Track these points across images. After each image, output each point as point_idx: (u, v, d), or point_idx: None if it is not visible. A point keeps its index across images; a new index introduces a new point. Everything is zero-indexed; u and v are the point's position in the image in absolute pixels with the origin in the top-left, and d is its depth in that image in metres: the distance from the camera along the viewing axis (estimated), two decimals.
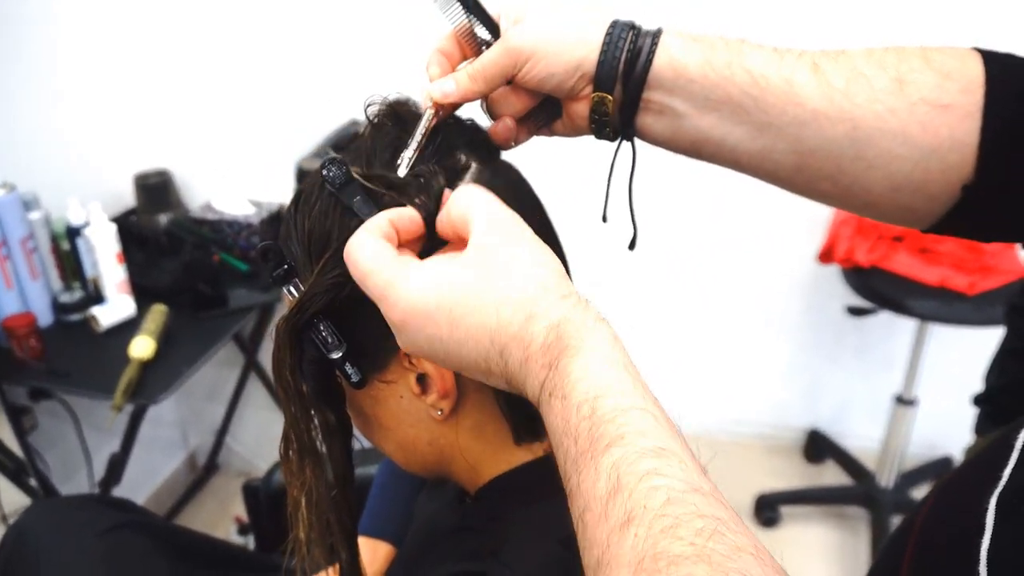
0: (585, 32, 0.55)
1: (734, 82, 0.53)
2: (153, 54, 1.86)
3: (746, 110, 0.54)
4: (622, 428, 0.39)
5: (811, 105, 0.53)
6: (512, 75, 0.56)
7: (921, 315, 1.69)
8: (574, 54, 0.55)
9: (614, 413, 0.40)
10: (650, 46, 0.54)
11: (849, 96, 0.52)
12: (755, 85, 0.53)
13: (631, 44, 0.54)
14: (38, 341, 1.48)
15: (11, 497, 1.63)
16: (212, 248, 1.79)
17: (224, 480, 2.29)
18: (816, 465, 2.28)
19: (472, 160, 0.57)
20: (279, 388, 0.57)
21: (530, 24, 0.55)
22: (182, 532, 1.05)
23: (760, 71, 0.53)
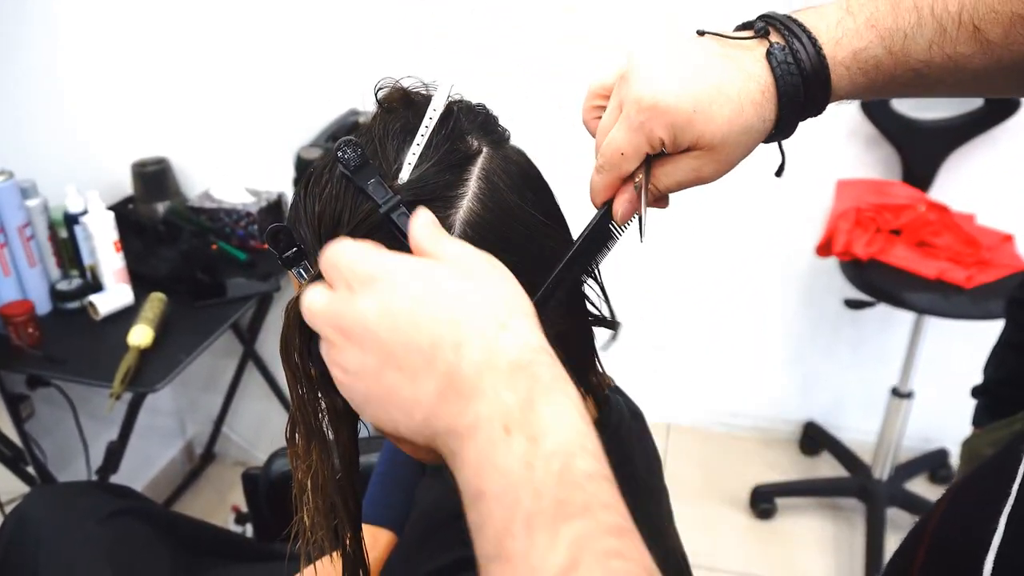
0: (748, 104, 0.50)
1: (901, 82, 0.52)
2: (152, 42, 1.85)
3: (909, 91, 0.53)
4: (590, 498, 0.35)
5: (973, 67, 0.50)
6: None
7: (919, 308, 1.70)
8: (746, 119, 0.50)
9: (585, 479, 0.35)
10: (823, 94, 0.51)
11: (1009, 47, 0.49)
12: (920, 76, 0.51)
13: (800, 100, 0.51)
14: (36, 329, 1.47)
15: (8, 485, 1.63)
16: (210, 237, 1.78)
17: (221, 469, 2.29)
18: (812, 457, 2.29)
19: (483, 144, 0.57)
20: (287, 371, 0.57)
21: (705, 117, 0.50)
22: (183, 519, 1.05)
23: (924, 61, 0.50)
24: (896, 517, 2.00)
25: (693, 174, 0.52)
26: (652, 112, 0.49)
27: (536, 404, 0.37)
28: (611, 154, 0.52)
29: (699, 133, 0.49)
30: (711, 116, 0.49)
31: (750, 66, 0.50)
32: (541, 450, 0.35)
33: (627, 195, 0.54)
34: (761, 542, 2.02)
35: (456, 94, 0.59)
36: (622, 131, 0.51)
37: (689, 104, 0.49)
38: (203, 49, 1.85)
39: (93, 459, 1.68)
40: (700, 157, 0.51)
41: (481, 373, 0.38)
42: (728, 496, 2.15)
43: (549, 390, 0.38)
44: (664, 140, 0.50)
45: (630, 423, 0.71)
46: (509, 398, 0.37)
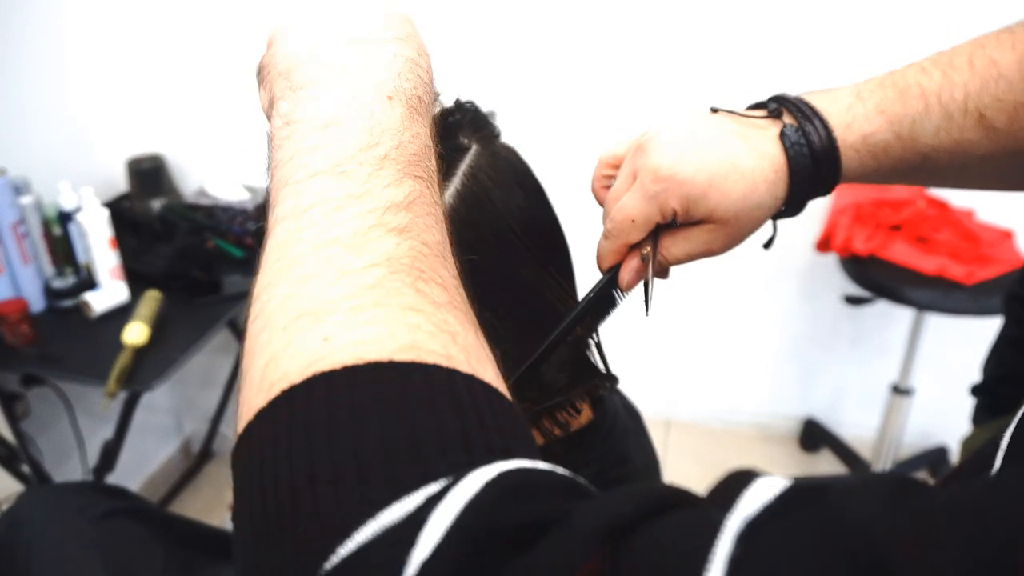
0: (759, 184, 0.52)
1: (909, 166, 0.53)
2: (146, 38, 1.84)
3: (916, 176, 0.55)
4: (432, 176, 0.39)
5: (980, 153, 0.52)
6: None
7: (918, 304, 1.69)
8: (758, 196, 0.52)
9: (433, 169, 0.40)
10: (831, 177, 0.52)
11: (1014, 134, 0.51)
12: (928, 160, 0.52)
13: (810, 181, 0.52)
14: (30, 327, 1.46)
15: (3, 483, 1.62)
16: (206, 234, 1.77)
17: (218, 467, 2.28)
18: (811, 454, 2.29)
19: (473, 142, 0.56)
20: None
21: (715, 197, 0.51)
22: (177, 519, 1.04)
23: (932, 146, 0.52)
24: None
25: (704, 246, 0.53)
26: (668, 183, 0.50)
27: (424, 103, 0.40)
28: (621, 220, 0.53)
29: (713, 207, 0.50)
30: (725, 191, 0.50)
31: (764, 145, 0.52)
32: (414, 127, 0.38)
33: (634, 263, 0.54)
34: None
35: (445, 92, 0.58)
36: (635, 199, 0.52)
37: (705, 178, 0.50)
38: (197, 45, 1.84)
39: (89, 457, 1.67)
40: (712, 231, 0.52)
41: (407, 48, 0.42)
42: None
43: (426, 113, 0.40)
44: (677, 211, 0.51)
45: (626, 422, 0.71)
46: (409, 82, 0.40)
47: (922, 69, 0.53)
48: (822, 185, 0.53)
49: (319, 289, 0.30)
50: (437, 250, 0.34)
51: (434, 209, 0.36)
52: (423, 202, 0.35)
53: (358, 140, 0.35)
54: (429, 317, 0.30)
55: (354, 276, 0.30)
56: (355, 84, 0.38)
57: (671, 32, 1.82)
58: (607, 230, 0.54)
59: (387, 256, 0.31)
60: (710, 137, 0.51)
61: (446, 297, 0.32)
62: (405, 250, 0.32)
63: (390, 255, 0.32)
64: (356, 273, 0.30)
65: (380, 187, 0.34)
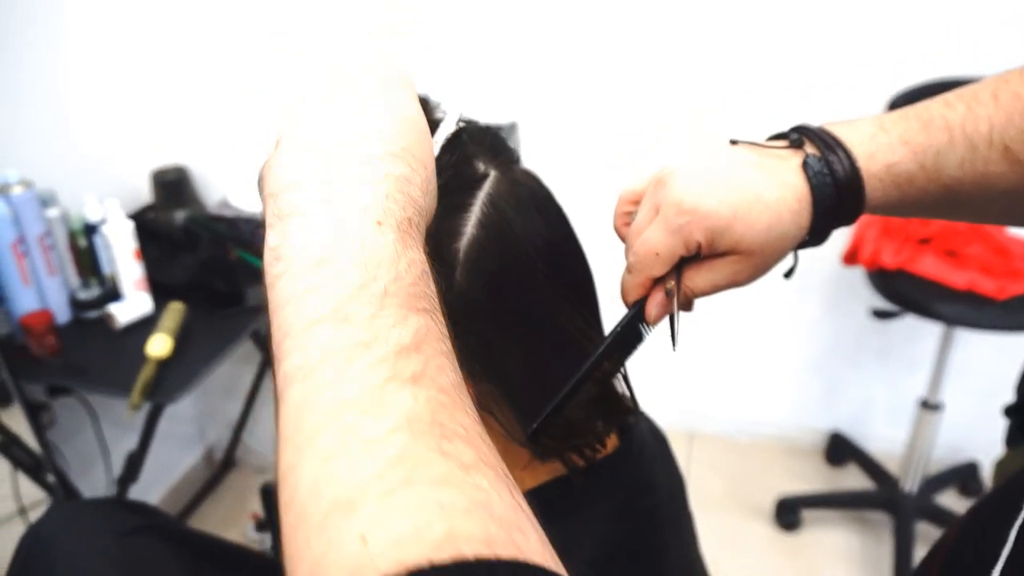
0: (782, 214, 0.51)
1: (932, 198, 0.52)
2: (170, 50, 1.86)
3: (940, 209, 0.54)
4: (434, 307, 0.37)
5: (1004, 186, 0.51)
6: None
7: (948, 319, 1.66)
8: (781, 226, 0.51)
9: (432, 295, 0.38)
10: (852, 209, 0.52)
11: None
12: (951, 192, 0.52)
13: (834, 211, 0.51)
14: (55, 338, 1.47)
15: (29, 490, 1.64)
16: (229, 245, 1.78)
17: (241, 476, 2.29)
18: (838, 468, 2.25)
19: (491, 168, 0.56)
20: None
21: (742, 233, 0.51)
22: (199, 536, 1.04)
23: (956, 178, 0.51)
24: (925, 531, 1.96)
25: (729, 278, 0.52)
26: (692, 216, 0.50)
27: (414, 223, 0.38)
28: (645, 254, 0.52)
29: (738, 238, 0.50)
30: (750, 223, 0.49)
31: (786, 176, 0.51)
32: (409, 252, 0.36)
33: (659, 297, 0.54)
34: (785, 554, 1.99)
35: (464, 116, 0.57)
36: (659, 232, 0.51)
37: (728, 210, 0.49)
38: (221, 57, 1.85)
39: (114, 466, 1.68)
40: (738, 262, 0.51)
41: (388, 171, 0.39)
42: (752, 507, 2.11)
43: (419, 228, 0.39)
44: (701, 243, 0.50)
45: (653, 450, 0.69)
46: (398, 203, 0.38)
47: (946, 103, 0.52)
48: (845, 215, 0.52)
49: (346, 470, 0.29)
50: (454, 393, 0.33)
51: (443, 344, 0.35)
52: (432, 338, 0.34)
53: (353, 277, 0.34)
54: (461, 488, 0.29)
55: (377, 448, 0.29)
56: (341, 211, 0.36)
57: (700, 44, 1.81)
58: (630, 264, 0.54)
59: (407, 416, 0.30)
60: (732, 169, 0.51)
61: (472, 455, 0.31)
62: (423, 404, 0.31)
63: (410, 415, 0.30)
64: (379, 443, 0.29)
65: (386, 328, 0.33)
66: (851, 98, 1.77)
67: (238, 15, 1.81)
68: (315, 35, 1.82)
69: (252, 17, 1.82)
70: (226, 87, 1.88)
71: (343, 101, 0.42)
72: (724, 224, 0.49)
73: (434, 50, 1.85)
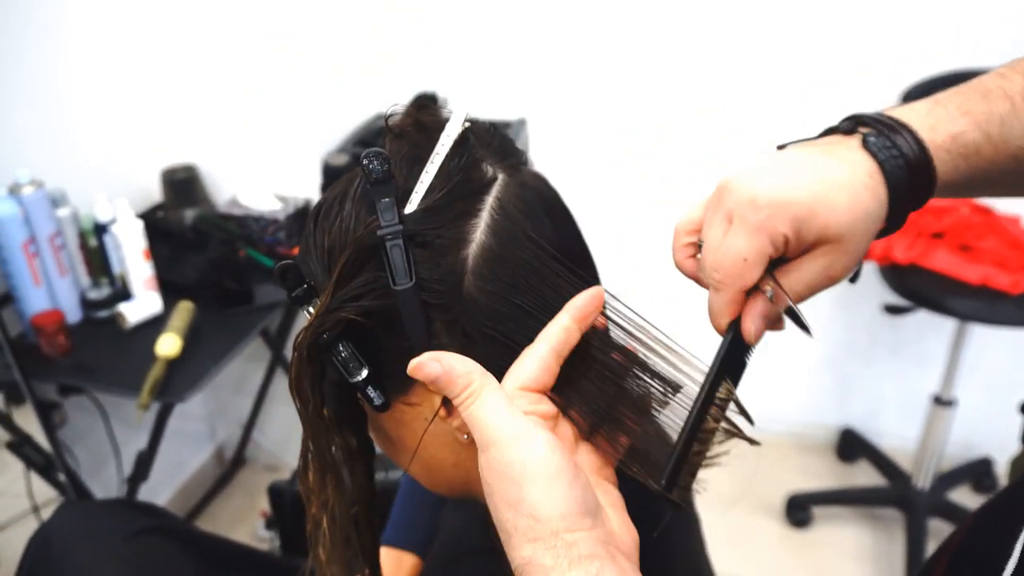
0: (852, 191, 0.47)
1: (1001, 170, 0.50)
2: (179, 51, 1.86)
3: (1010, 181, 0.51)
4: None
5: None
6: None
7: (961, 315, 1.64)
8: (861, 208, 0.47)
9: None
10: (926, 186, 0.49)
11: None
12: (1020, 164, 0.49)
13: (907, 188, 0.48)
14: (66, 338, 1.48)
15: (42, 488, 1.65)
16: (238, 244, 1.78)
17: (251, 474, 2.30)
18: (849, 465, 2.24)
19: (499, 171, 0.55)
20: (299, 406, 0.55)
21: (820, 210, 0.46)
22: (208, 537, 1.04)
23: (1023, 147, 0.49)
24: (938, 528, 1.94)
25: (824, 272, 0.48)
26: (772, 208, 0.45)
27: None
28: (732, 263, 0.47)
29: (823, 224, 0.46)
30: (831, 204, 0.45)
31: (850, 155, 0.48)
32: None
33: (758, 308, 0.49)
34: (796, 552, 1.98)
35: (471, 117, 0.56)
36: (740, 236, 0.47)
37: (807, 195, 0.45)
38: (229, 57, 1.85)
39: (125, 465, 1.69)
40: (829, 253, 0.47)
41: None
42: (762, 504, 2.10)
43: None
44: (788, 236, 0.46)
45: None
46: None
47: (1000, 75, 0.50)
48: (917, 193, 0.48)
49: None
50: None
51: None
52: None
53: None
54: None
55: None
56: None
57: (703, 42, 1.79)
58: (717, 282, 0.49)
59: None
60: (796, 160, 0.48)
61: None
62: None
63: None
64: None
65: None
66: (854, 96, 1.76)
67: (245, 14, 1.81)
68: (319, 35, 1.82)
69: (259, 16, 1.82)
70: (235, 86, 1.88)
71: None
72: (806, 210, 0.45)
73: (438, 48, 1.85)
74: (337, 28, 1.81)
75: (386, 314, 0.51)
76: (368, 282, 0.51)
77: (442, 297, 0.51)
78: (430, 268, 0.51)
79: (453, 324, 0.52)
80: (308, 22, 1.81)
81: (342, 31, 1.81)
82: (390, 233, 0.50)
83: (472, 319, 0.51)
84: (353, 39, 1.82)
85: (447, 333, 0.52)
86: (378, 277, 0.51)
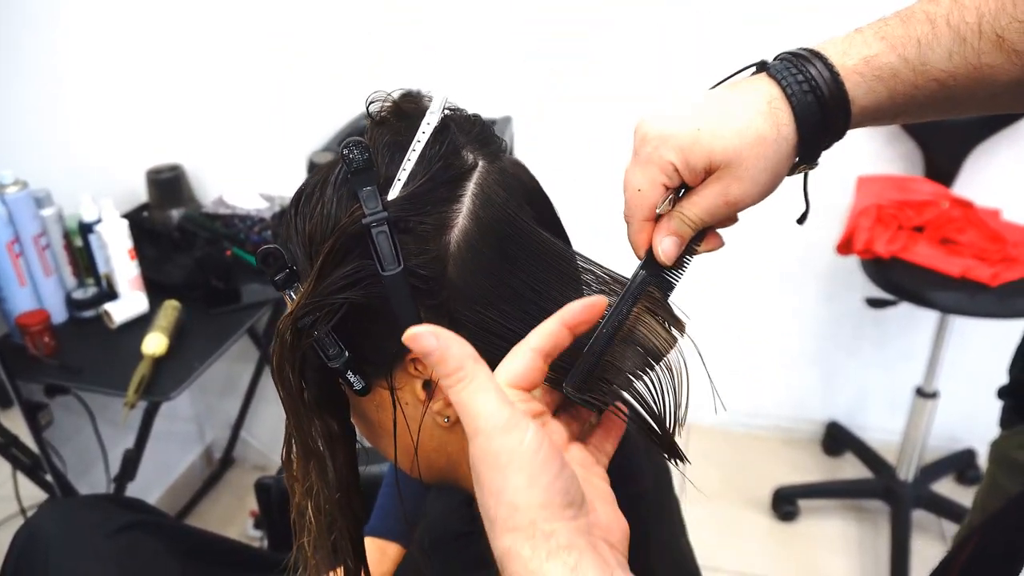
0: (758, 116, 0.49)
1: (926, 94, 0.50)
2: (164, 50, 1.86)
3: (941, 106, 0.51)
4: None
5: (1006, 79, 0.49)
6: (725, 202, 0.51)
7: (942, 307, 1.66)
8: (770, 147, 0.49)
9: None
10: (842, 118, 0.50)
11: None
12: (946, 88, 0.49)
13: (818, 113, 0.49)
14: (52, 338, 1.48)
15: (30, 491, 1.64)
16: (224, 243, 1.78)
17: (240, 474, 2.30)
18: (835, 458, 2.26)
19: (479, 158, 0.56)
20: (281, 391, 0.55)
21: (714, 137, 0.49)
22: (194, 532, 1.04)
23: (947, 71, 0.49)
24: (922, 519, 1.96)
25: (721, 199, 0.50)
26: (658, 140, 0.49)
27: None
28: (630, 195, 0.52)
29: (708, 149, 0.48)
30: (716, 131, 0.48)
31: (752, 85, 0.50)
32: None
33: (662, 231, 0.52)
34: (783, 545, 1.99)
35: (451, 105, 0.57)
36: (635, 169, 0.51)
37: (691, 125, 0.49)
38: (215, 56, 1.85)
39: (112, 466, 1.69)
40: (722, 177, 0.50)
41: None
42: (749, 498, 2.12)
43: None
44: (675, 164, 0.49)
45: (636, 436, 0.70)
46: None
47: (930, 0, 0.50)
48: (833, 117, 0.49)
49: None
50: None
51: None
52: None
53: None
54: None
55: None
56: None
57: (691, 39, 1.81)
58: (624, 215, 0.53)
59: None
60: (694, 98, 0.50)
61: None
62: None
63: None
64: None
65: None
66: None
67: (232, 13, 1.82)
68: (303, 34, 1.82)
69: (247, 15, 1.82)
70: (221, 85, 1.89)
71: None
72: (690, 137, 0.48)
73: (423, 47, 1.85)
74: (322, 27, 1.81)
75: (370, 301, 0.52)
76: (353, 271, 0.52)
77: (427, 283, 0.52)
78: (414, 254, 0.51)
79: (438, 309, 0.52)
80: (293, 21, 1.82)
81: (327, 30, 1.81)
82: (375, 220, 0.50)
83: (457, 304, 0.52)
84: (338, 38, 1.83)
85: (432, 319, 0.52)
86: (363, 265, 0.51)
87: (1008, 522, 0.59)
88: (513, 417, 0.44)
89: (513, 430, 0.44)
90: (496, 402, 0.45)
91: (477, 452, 0.44)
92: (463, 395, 0.45)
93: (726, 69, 0.54)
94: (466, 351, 0.46)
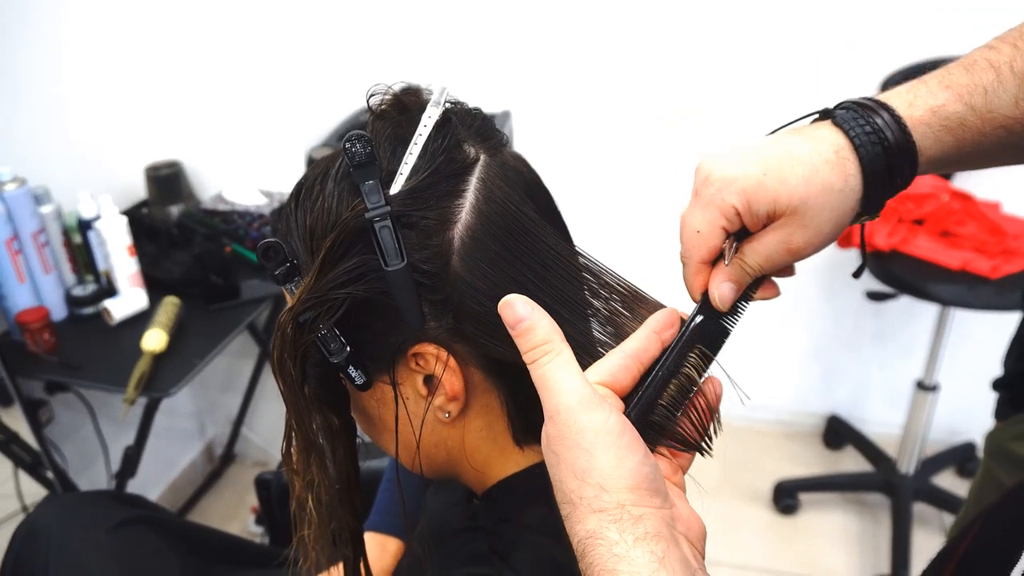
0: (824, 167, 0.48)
1: (992, 141, 0.49)
2: (162, 46, 1.86)
3: (1007, 153, 0.51)
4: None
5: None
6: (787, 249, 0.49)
7: (943, 300, 1.66)
8: (836, 197, 0.48)
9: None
10: (909, 166, 0.49)
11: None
12: (1013, 135, 0.49)
13: (885, 164, 0.48)
14: (52, 335, 1.48)
15: (31, 488, 1.65)
16: (224, 239, 1.78)
17: (241, 470, 2.30)
18: (835, 451, 2.26)
19: (481, 152, 0.55)
20: (281, 385, 0.55)
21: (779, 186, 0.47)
22: (193, 527, 1.05)
23: (1013, 118, 0.48)
24: (922, 512, 1.96)
25: (782, 246, 0.49)
26: (722, 182, 0.48)
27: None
28: (688, 236, 0.50)
29: (773, 195, 0.47)
30: (783, 177, 0.47)
31: (818, 132, 0.49)
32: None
33: (718, 276, 0.51)
34: (784, 538, 1.99)
35: (452, 99, 0.57)
36: (695, 210, 0.49)
37: (758, 169, 0.47)
38: (213, 52, 1.85)
39: (113, 462, 1.69)
40: (785, 225, 0.48)
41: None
42: (750, 491, 2.12)
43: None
44: (738, 208, 0.48)
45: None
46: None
47: (989, 47, 0.50)
48: (899, 168, 0.48)
49: None
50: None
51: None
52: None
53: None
54: None
55: None
56: None
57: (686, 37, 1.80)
58: (681, 255, 0.51)
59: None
60: (759, 141, 0.49)
61: None
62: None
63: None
64: None
65: None
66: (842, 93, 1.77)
67: (230, 9, 1.81)
68: (301, 29, 1.82)
69: (245, 10, 1.81)
70: (219, 81, 1.88)
71: None
72: (755, 182, 0.47)
73: (421, 41, 1.85)
74: (320, 23, 1.81)
75: (372, 296, 0.52)
76: (356, 266, 0.51)
77: (430, 277, 0.51)
78: (418, 249, 0.51)
79: (442, 304, 0.52)
80: (291, 16, 1.81)
81: (325, 26, 1.81)
82: (378, 215, 0.50)
83: (461, 298, 0.52)
84: (336, 34, 1.82)
85: (436, 313, 0.52)
86: (366, 260, 0.51)
87: (1006, 514, 0.58)
88: (596, 396, 0.44)
89: (597, 409, 0.43)
90: (580, 379, 0.44)
91: (556, 431, 0.43)
92: (548, 368, 0.44)
93: (726, 65, 0.54)
94: (555, 326, 0.45)
